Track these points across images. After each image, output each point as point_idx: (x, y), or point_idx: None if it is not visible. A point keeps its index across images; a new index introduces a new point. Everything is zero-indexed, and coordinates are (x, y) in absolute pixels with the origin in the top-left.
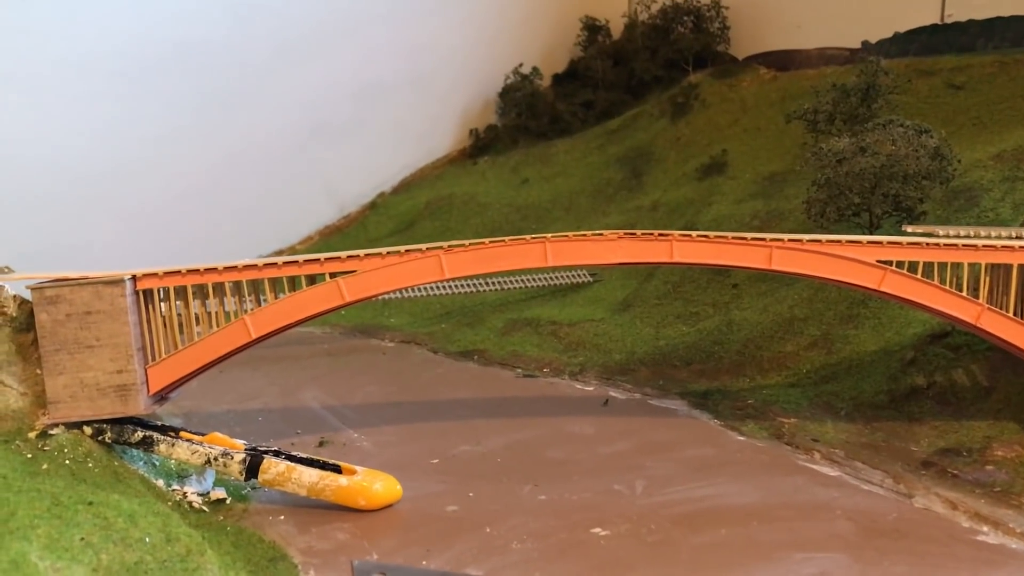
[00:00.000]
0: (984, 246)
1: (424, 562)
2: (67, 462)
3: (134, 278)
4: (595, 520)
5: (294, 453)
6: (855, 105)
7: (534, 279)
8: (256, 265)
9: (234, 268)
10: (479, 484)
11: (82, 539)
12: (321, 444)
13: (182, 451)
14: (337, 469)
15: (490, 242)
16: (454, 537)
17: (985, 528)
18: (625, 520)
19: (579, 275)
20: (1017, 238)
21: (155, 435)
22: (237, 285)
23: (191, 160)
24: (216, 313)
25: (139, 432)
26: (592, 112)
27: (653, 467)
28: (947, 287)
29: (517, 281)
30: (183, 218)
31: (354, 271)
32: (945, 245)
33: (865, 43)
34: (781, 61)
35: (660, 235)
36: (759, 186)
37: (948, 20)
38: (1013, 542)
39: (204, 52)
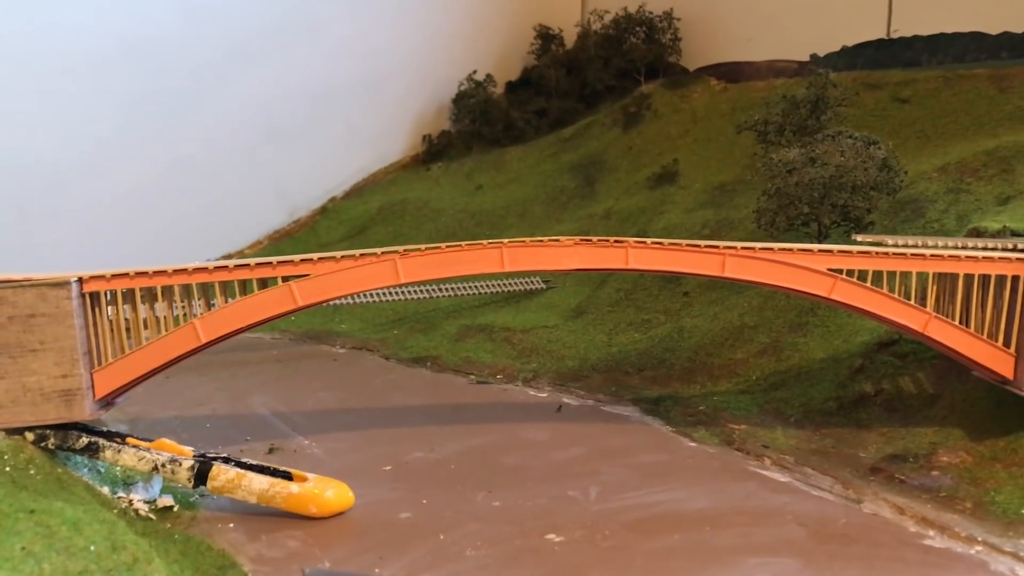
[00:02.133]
0: (931, 256)
1: (377, 570)
2: (7, 469)
3: (80, 280)
4: (549, 526)
5: (244, 460)
6: (804, 117)
7: (488, 285)
8: (206, 268)
9: (184, 271)
10: (433, 491)
11: (23, 548)
12: (271, 451)
13: (129, 457)
14: (288, 476)
15: (446, 247)
16: (407, 544)
17: (931, 532)
18: (579, 526)
19: (533, 281)
20: (962, 248)
21: (101, 441)
22: (186, 288)
23: (140, 161)
24: (165, 317)
25: (84, 438)
26: (545, 120)
27: (607, 473)
28: (896, 295)
29: (471, 287)
30: (131, 220)
31: (307, 275)
32: (894, 254)
33: (814, 56)
34: (731, 73)
35: (616, 242)
36: (709, 196)
37: (894, 35)
38: (958, 546)
39: (155, 51)
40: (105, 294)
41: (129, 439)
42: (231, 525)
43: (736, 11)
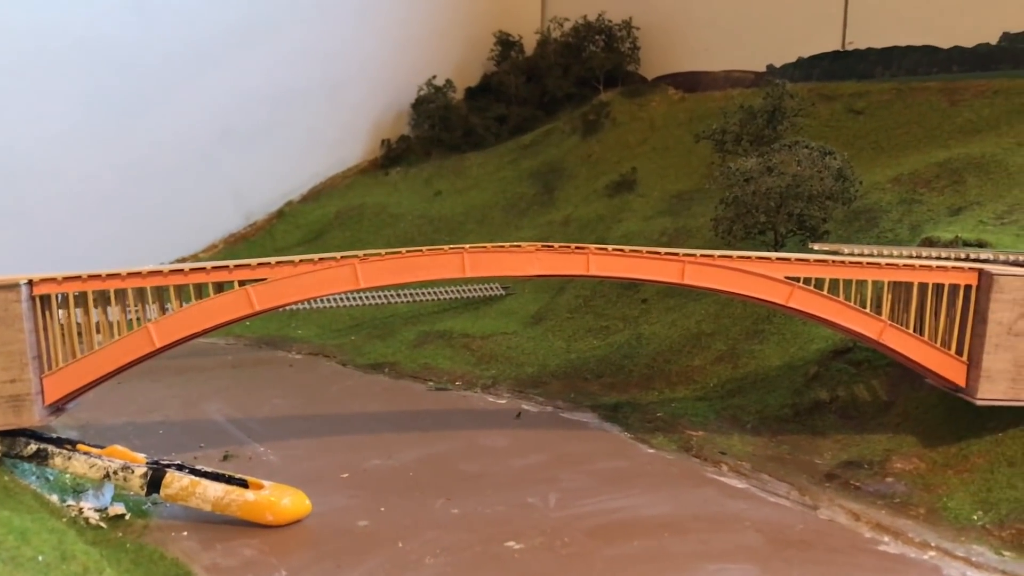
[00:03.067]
0: (887, 264)
1: None
2: None
3: (30, 283)
4: (509, 533)
5: (198, 467)
6: (761, 126)
7: (447, 291)
8: (161, 271)
9: (138, 274)
10: (391, 498)
11: None
12: (226, 458)
13: (79, 465)
14: (244, 484)
15: (407, 251)
16: (366, 552)
17: (886, 538)
18: (539, 533)
19: (492, 288)
20: (916, 257)
21: (50, 448)
22: (141, 292)
23: (93, 162)
24: (118, 321)
25: (33, 445)
26: (505, 127)
27: (566, 479)
28: (852, 304)
29: (429, 293)
30: (83, 222)
31: (265, 279)
32: (850, 263)
33: (770, 67)
34: (689, 82)
35: (577, 248)
36: (667, 204)
37: (849, 47)
38: (912, 551)
39: (110, 50)
40: (56, 297)
41: (80, 446)
42: (185, 533)
43: (694, 21)
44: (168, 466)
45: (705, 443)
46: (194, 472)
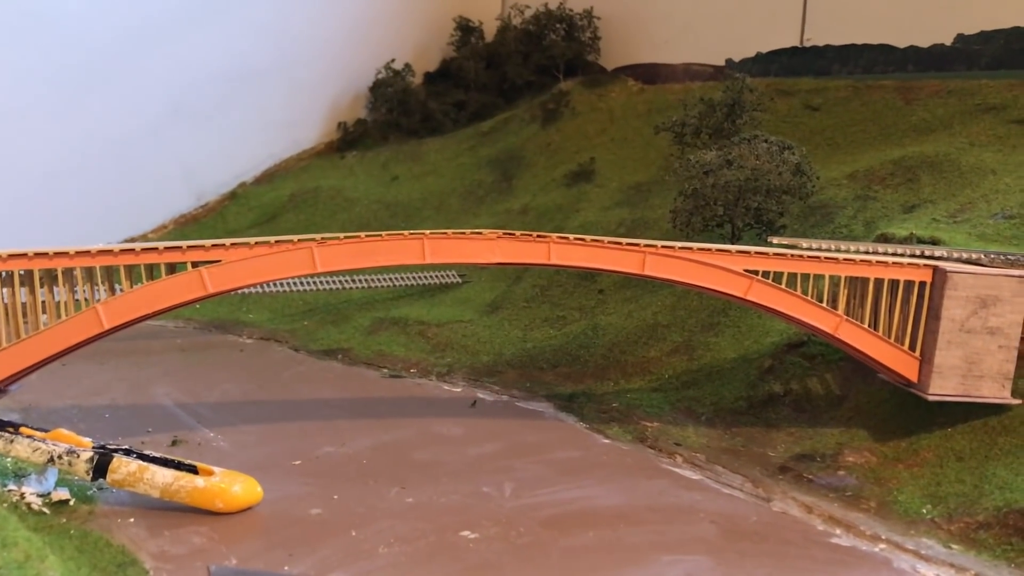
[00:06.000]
0: (844, 260)
1: (286, 567)
2: None
3: None
4: (464, 523)
5: (146, 452)
6: (721, 120)
7: (402, 278)
8: (111, 251)
9: (87, 253)
10: (344, 486)
11: None
12: (174, 443)
13: (22, 448)
14: (193, 469)
15: (366, 236)
16: (318, 541)
17: (838, 531)
18: (494, 523)
19: (448, 275)
20: (873, 253)
21: None
22: (89, 271)
23: (39, 138)
24: (65, 301)
25: None
26: (464, 113)
27: (521, 469)
28: (809, 298)
29: (384, 279)
30: (28, 200)
31: (219, 260)
32: (808, 257)
33: (729, 61)
34: (648, 74)
35: (539, 236)
36: (625, 195)
37: (807, 44)
38: (863, 544)
39: (57, 23)
40: (1, 274)
41: (23, 429)
42: (132, 520)
43: (654, 13)
44: (115, 451)
45: (660, 434)
46: (142, 457)
